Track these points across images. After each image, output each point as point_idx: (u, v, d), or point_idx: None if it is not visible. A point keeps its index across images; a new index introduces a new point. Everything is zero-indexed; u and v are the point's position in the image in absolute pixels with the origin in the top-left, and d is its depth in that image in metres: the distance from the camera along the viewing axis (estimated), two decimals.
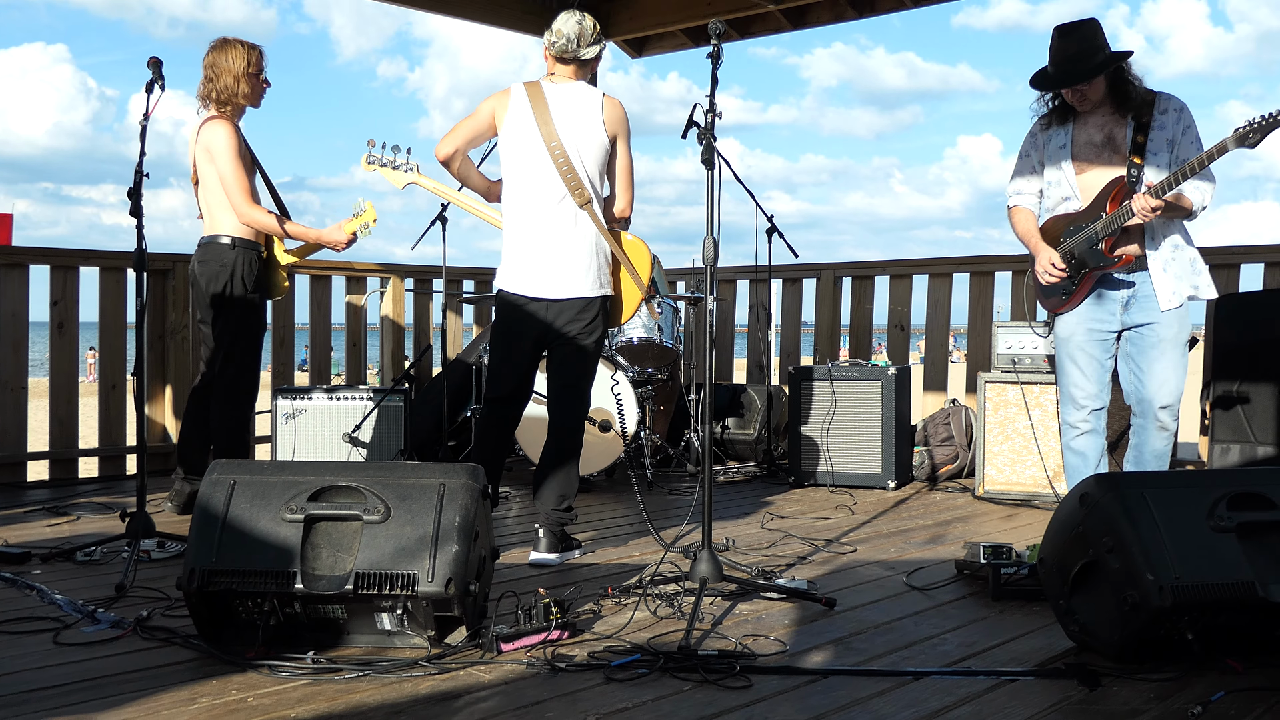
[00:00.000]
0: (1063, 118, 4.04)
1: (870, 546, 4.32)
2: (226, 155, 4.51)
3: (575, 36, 4.00)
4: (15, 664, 2.75)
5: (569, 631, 3.00)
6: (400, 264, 7.22)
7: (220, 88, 4.58)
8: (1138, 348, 3.96)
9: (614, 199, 4.09)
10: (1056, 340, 4.15)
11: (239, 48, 4.61)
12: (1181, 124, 3.89)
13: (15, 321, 5.79)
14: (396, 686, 2.61)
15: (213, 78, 4.59)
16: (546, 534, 3.96)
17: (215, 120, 4.57)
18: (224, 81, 4.57)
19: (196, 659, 2.80)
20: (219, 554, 2.81)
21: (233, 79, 4.58)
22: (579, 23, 4.02)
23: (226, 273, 4.55)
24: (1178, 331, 3.92)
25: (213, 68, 4.60)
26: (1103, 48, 3.89)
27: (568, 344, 4.00)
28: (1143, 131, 3.91)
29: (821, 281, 7.11)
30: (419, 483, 2.91)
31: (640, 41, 8.20)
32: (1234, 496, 2.81)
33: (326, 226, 4.71)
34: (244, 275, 4.57)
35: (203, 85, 4.63)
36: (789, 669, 2.76)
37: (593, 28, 4.06)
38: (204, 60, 4.63)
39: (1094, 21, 3.92)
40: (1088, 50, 3.87)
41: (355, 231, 4.69)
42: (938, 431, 6.03)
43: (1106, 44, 3.91)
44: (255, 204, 4.58)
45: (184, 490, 4.80)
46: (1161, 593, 2.65)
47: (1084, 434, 4.08)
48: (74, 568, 3.84)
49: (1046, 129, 4.10)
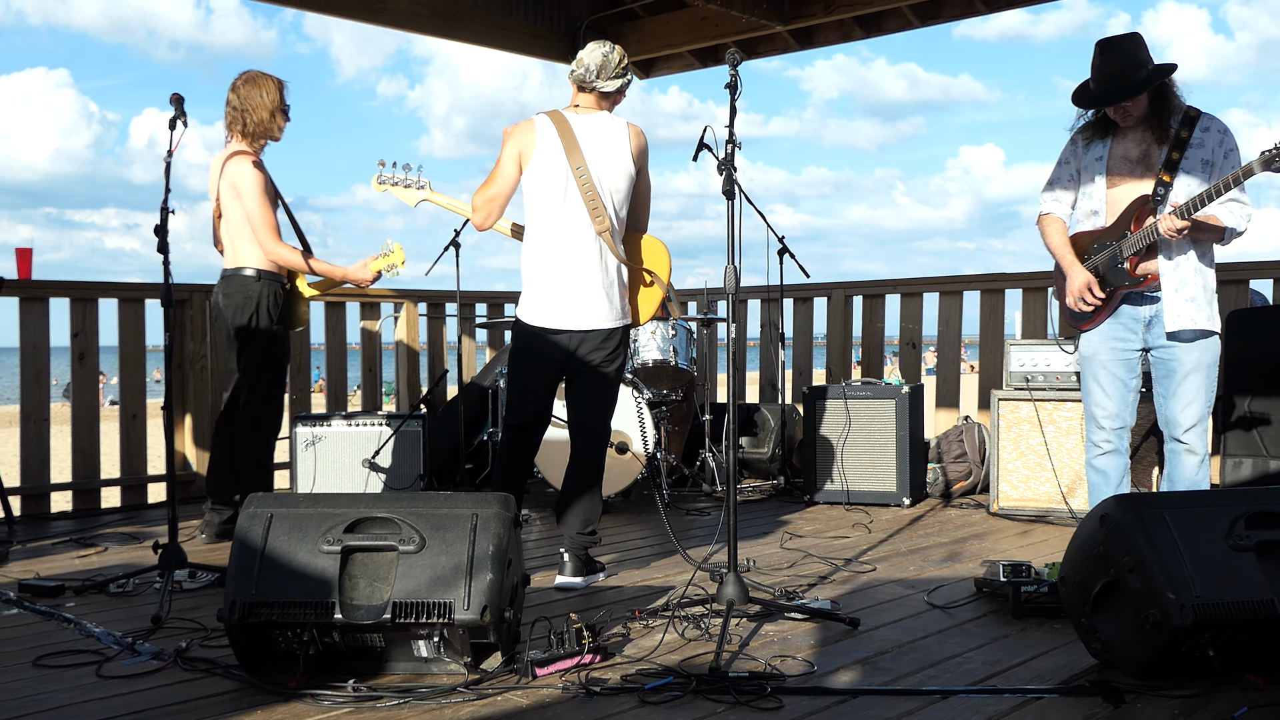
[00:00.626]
0: (1103, 131, 4.01)
1: (889, 565, 4.38)
2: (254, 194, 4.59)
3: (595, 68, 4.02)
4: (61, 698, 2.82)
5: (600, 655, 3.06)
6: (413, 289, 7.30)
7: (255, 121, 4.66)
8: (1160, 370, 3.98)
9: (636, 218, 4.17)
10: (1080, 358, 4.16)
11: (270, 82, 4.70)
12: (1224, 147, 3.86)
13: (37, 354, 5.87)
14: (437, 713, 2.67)
15: (246, 110, 4.67)
16: (572, 558, 4.02)
17: (242, 156, 4.65)
18: (259, 116, 4.66)
19: (239, 689, 2.86)
20: (259, 586, 2.87)
21: (267, 114, 4.68)
22: (605, 55, 4.02)
23: (251, 305, 4.62)
24: (1199, 356, 3.89)
25: (246, 101, 4.68)
26: (1145, 63, 3.85)
27: (590, 372, 4.06)
28: (1179, 149, 3.88)
29: (832, 300, 7.19)
30: (452, 513, 2.97)
31: (649, 63, 8.31)
32: (1252, 516, 2.86)
33: (351, 264, 4.79)
34: (269, 307, 4.65)
35: (232, 117, 4.71)
36: (819, 689, 2.82)
37: (618, 61, 4.05)
38: (233, 93, 4.71)
39: (1136, 36, 3.90)
40: (1130, 66, 3.84)
41: (381, 271, 4.76)
42: (951, 448, 6.09)
43: (1149, 59, 3.86)
44: (281, 241, 4.66)
45: (214, 520, 4.87)
46: (1183, 611, 2.70)
47: (1106, 453, 4.10)
48: (107, 599, 3.90)
49: (1088, 141, 4.06)
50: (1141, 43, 3.89)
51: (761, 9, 7.04)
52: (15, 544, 4.91)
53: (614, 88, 4.06)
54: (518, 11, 7.61)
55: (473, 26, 7.38)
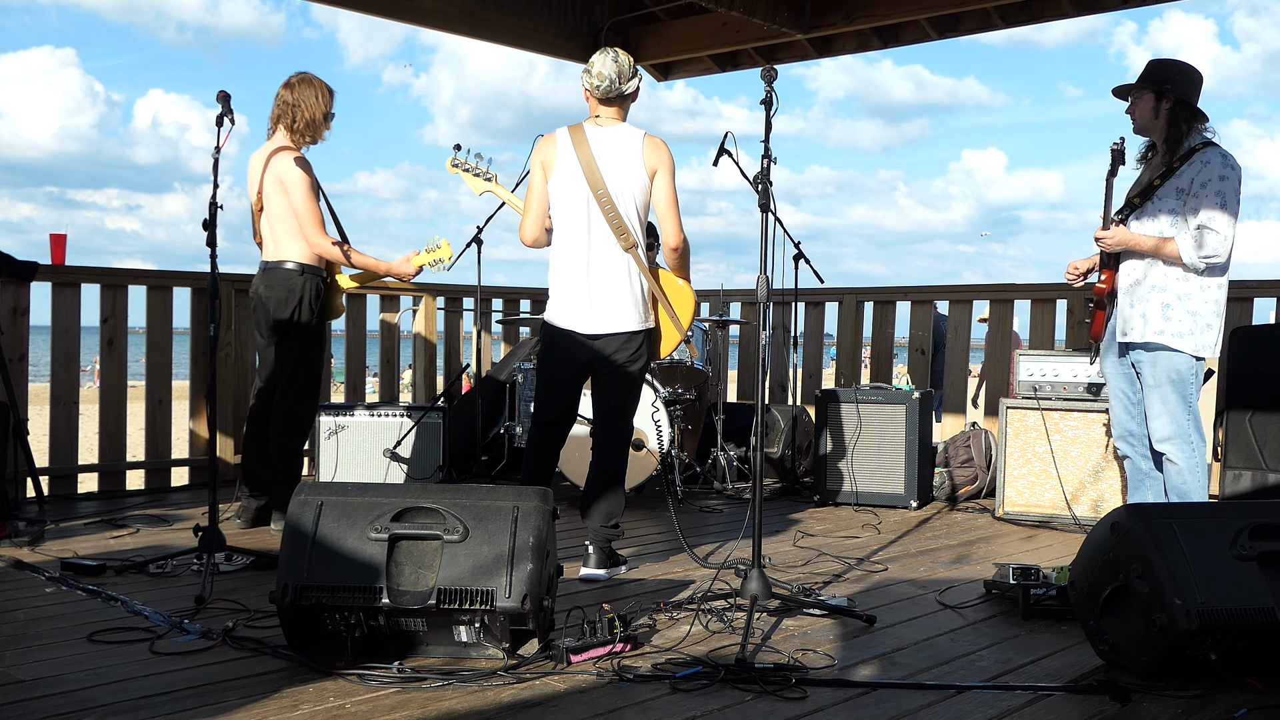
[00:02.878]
0: (1147, 158, 4.40)
1: (900, 565, 4.53)
2: (301, 189, 4.71)
3: (615, 75, 4.13)
4: (121, 671, 2.96)
5: (631, 644, 3.20)
6: (432, 283, 7.43)
7: (305, 120, 4.77)
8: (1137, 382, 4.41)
9: (661, 229, 4.25)
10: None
11: (325, 88, 4.83)
12: (1204, 176, 4.12)
13: (68, 337, 6.01)
14: (480, 695, 2.82)
15: (300, 106, 4.77)
16: (596, 550, 4.17)
17: (288, 152, 4.76)
18: (311, 115, 4.78)
19: (288, 668, 3.01)
20: (310, 570, 3.01)
21: (321, 115, 4.81)
22: (615, 60, 4.14)
23: (295, 298, 4.74)
24: (1158, 373, 4.24)
25: (301, 99, 4.78)
26: (1160, 81, 4.21)
27: (613, 371, 4.20)
28: (1165, 177, 4.20)
29: (844, 305, 7.34)
30: (494, 504, 3.12)
31: (667, 66, 8.45)
32: (1255, 527, 3.02)
33: (394, 258, 4.89)
34: (311, 301, 4.76)
35: (282, 110, 4.80)
36: (841, 682, 2.97)
37: (629, 62, 4.18)
38: (287, 90, 4.80)
39: (1176, 64, 4.26)
40: (1145, 76, 4.26)
41: (424, 265, 4.88)
42: (958, 453, 6.24)
43: (1172, 82, 4.20)
44: (326, 235, 4.78)
45: (250, 506, 5.01)
46: (1188, 616, 2.86)
47: (1122, 459, 4.60)
48: (147, 579, 4.04)
49: (1138, 164, 4.46)
50: (1176, 71, 4.23)
51: (782, 17, 7.18)
52: (49, 523, 5.04)
53: (634, 88, 4.20)
54: (541, 13, 7.74)
55: (497, 26, 7.51)
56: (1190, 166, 4.16)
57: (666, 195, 4.19)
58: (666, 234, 4.25)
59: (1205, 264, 4.12)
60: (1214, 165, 4.12)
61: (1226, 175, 4.10)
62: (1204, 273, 4.16)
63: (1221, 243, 4.08)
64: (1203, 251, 4.11)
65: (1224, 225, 4.07)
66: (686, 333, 4.32)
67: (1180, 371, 4.23)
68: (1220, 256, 4.11)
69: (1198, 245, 4.11)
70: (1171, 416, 4.24)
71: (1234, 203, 4.10)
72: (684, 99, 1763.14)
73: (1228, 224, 4.07)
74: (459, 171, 4.66)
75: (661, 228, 4.26)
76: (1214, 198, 4.08)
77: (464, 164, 4.68)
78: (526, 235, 4.26)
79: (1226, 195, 4.08)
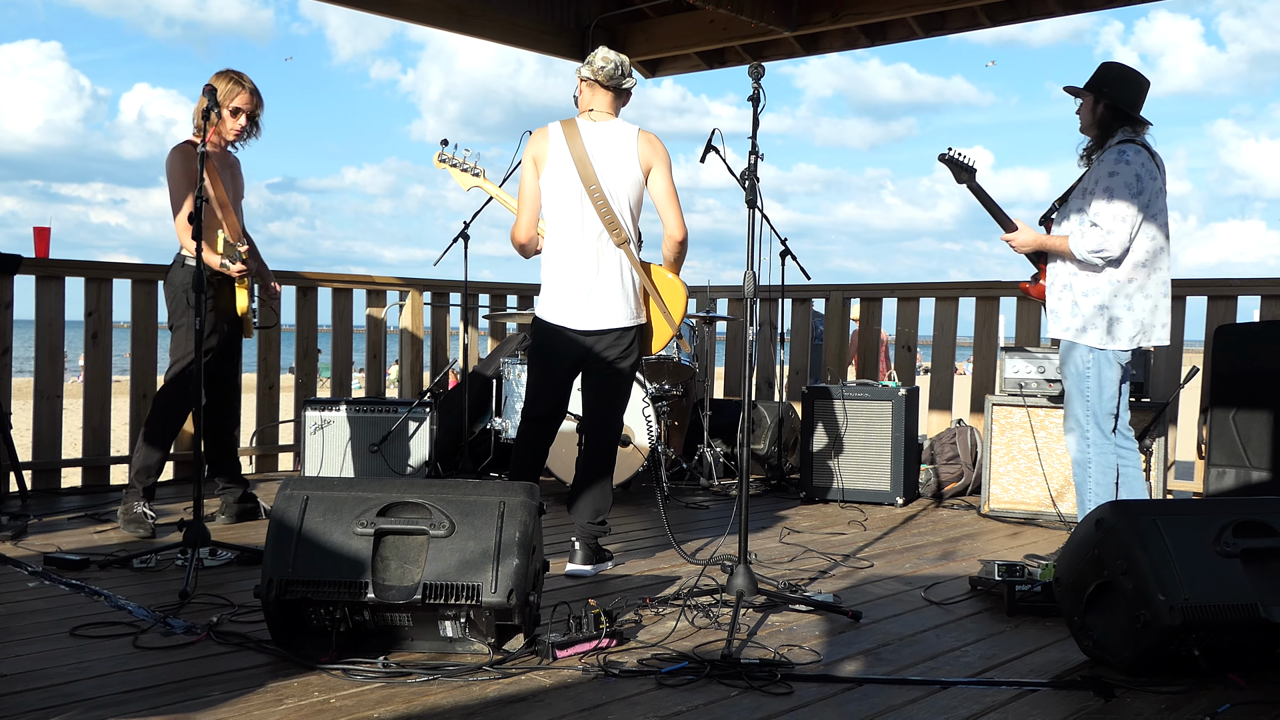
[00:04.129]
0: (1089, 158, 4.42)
1: (886, 562, 4.54)
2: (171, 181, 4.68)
3: (620, 63, 4.16)
4: (104, 666, 2.95)
5: (617, 640, 3.20)
6: (419, 278, 7.42)
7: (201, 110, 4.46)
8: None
9: (663, 221, 4.22)
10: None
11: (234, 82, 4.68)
12: (1096, 174, 4.23)
13: (52, 330, 5.98)
14: (466, 689, 2.81)
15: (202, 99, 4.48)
16: (582, 546, 4.17)
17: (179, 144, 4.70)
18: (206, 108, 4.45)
19: (272, 662, 3.00)
20: (295, 565, 3.01)
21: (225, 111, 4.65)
22: (617, 55, 4.19)
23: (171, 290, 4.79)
24: (1064, 367, 4.38)
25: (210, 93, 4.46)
26: (1099, 85, 4.29)
27: (605, 368, 4.20)
28: (1084, 177, 4.35)
29: (831, 302, 7.34)
30: (480, 500, 3.11)
31: (655, 63, 8.44)
32: (1239, 524, 3.04)
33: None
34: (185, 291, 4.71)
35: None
36: (827, 677, 2.97)
37: (628, 62, 4.23)
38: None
39: (1118, 69, 4.33)
40: (1089, 79, 4.34)
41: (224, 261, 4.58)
42: (944, 450, 6.25)
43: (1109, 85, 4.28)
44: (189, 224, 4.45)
45: (230, 500, 4.99)
46: (1172, 612, 2.87)
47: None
48: (131, 574, 4.02)
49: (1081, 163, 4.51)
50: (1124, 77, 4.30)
51: (770, 15, 7.18)
52: (32, 518, 5.02)
53: (632, 84, 4.23)
54: (529, 8, 7.72)
55: (485, 22, 7.50)
56: (1095, 165, 4.25)
57: (665, 189, 4.18)
58: (670, 226, 4.21)
59: (1094, 258, 4.19)
60: (1106, 162, 4.20)
61: (1116, 170, 4.15)
62: (1106, 267, 4.21)
63: (1104, 237, 4.14)
64: (1086, 245, 4.18)
65: (1108, 220, 4.13)
66: (678, 328, 4.32)
67: (1079, 366, 4.32)
68: (1109, 250, 4.15)
69: (1082, 239, 4.20)
70: (1070, 410, 4.37)
71: (1124, 196, 4.12)
72: (672, 96, 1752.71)
73: (1112, 218, 4.12)
74: (446, 166, 4.65)
75: (664, 221, 4.22)
76: (1102, 193, 4.17)
77: (451, 159, 4.67)
78: (520, 235, 4.24)
79: (1114, 189, 4.14)
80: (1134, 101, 4.28)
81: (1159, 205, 4.22)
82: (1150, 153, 4.23)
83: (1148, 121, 4.30)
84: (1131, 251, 4.18)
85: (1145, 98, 4.32)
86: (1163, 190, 4.27)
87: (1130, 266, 4.20)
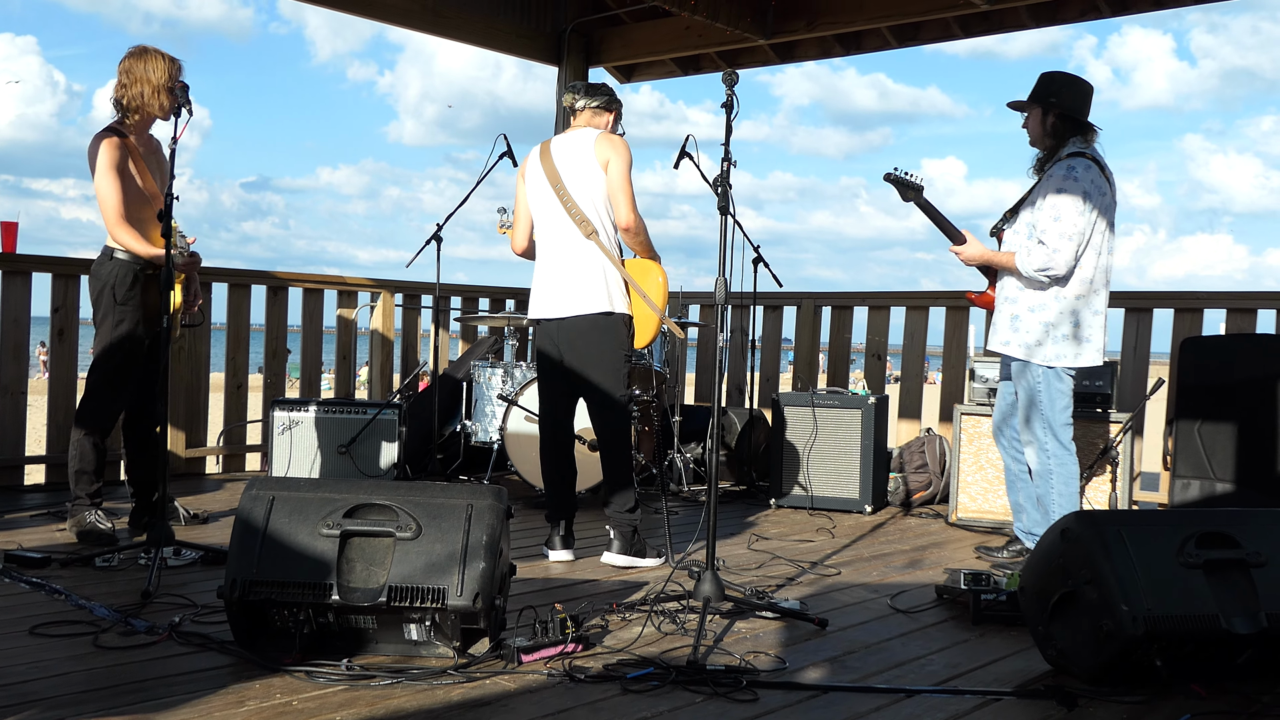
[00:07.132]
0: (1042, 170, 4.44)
1: (853, 569, 4.55)
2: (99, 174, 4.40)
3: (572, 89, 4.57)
4: (63, 666, 2.91)
5: (583, 645, 3.19)
6: (391, 279, 7.39)
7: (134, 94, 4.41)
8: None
9: (613, 208, 4.40)
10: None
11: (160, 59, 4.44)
12: (1044, 189, 4.27)
13: (17, 327, 5.91)
14: (430, 693, 2.79)
15: (125, 82, 4.42)
16: (617, 536, 4.40)
17: (101, 133, 4.44)
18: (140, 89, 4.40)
19: (235, 664, 2.97)
20: (259, 566, 2.98)
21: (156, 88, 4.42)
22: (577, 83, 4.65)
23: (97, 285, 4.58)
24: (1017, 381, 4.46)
25: (127, 74, 4.42)
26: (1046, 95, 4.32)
27: (583, 355, 4.36)
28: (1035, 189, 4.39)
29: (802, 310, 7.36)
30: (448, 502, 3.10)
31: (630, 68, 8.45)
32: (1202, 536, 3.06)
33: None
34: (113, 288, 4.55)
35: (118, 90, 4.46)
36: (792, 684, 2.97)
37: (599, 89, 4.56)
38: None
39: (1064, 77, 4.36)
40: (1034, 90, 4.39)
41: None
42: (913, 459, 6.28)
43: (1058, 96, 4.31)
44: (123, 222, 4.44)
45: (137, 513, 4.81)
46: (1135, 622, 2.88)
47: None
48: (94, 573, 3.98)
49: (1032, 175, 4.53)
50: (1071, 85, 4.34)
51: (745, 23, 7.20)
52: None
53: (599, 103, 4.49)
54: (506, 12, 7.72)
55: (461, 25, 7.48)
56: (1045, 180, 4.29)
57: (617, 180, 4.37)
58: (618, 215, 4.40)
59: (1040, 275, 4.23)
60: (1055, 178, 4.23)
61: (1064, 187, 4.17)
62: (1053, 285, 4.25)
63: (1049, 255, 4.17)
64: (1033, 263, 4.23)
65: (1054, 238, 4.16)
66: (663, 314, 4.49)
67: (1030, 382, 4.38)
68: (1055, 268, 4.19)
69: (1029, 256, 4.24)
70: (1027, 424, 4.43)
71: (1071, 214, 4.14)
72: (649, 102, 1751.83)
73: (1058, 236, 4.15)
74: (506, 232, 4.89)
75: (614, 210, 4.40)
76: (1049, 210, 4.21)
77: (506, 223, 5.05)
78: (515, 246, 4.67)
79: (1061, 208, 4.16)
80: (1083, 108, 4.31)
81: (1106, 221, 4.25)
82: (1100, 166, 4.25)
83: (1097, 128, 4.32)
84: (1080, 268, 4.21)
85: (1091, 103, 4.35)
86: (1112, 205, 4.30)
87: (1078, 283, 4.24)
